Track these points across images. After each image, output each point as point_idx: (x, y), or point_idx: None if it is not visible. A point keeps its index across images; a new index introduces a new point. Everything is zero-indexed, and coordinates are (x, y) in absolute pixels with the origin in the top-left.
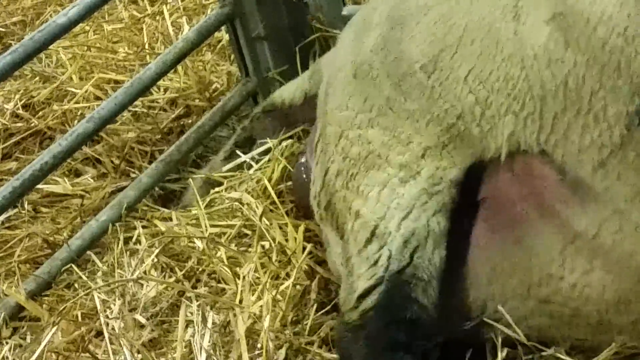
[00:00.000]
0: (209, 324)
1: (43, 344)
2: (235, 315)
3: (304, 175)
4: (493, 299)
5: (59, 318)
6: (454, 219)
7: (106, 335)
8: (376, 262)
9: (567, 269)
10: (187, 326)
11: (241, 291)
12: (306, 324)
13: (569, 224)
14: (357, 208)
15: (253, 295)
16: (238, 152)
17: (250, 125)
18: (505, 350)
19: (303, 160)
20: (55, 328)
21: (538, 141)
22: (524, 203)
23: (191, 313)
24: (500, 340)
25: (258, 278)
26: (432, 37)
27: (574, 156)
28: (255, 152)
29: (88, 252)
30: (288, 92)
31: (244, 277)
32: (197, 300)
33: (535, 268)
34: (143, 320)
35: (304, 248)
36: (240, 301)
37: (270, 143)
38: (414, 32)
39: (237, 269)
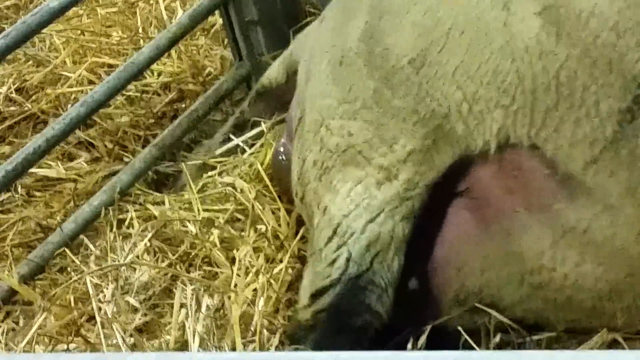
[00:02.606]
0: (203, 308)
1: (34, 328)
2: (230, 298)
3: (283, 157)
4: (488, 286)
5: (50, 303)
6: (442, 210)
7: (98, 319)
8: (333, 262)
9: (559, 261)
10: (180, 309)
11: (236, 275)
12: (298, 308)
13: (559, 218)
14: (326, 204)
15: (247, 279)
16: (232, 136)
17: (247, 109)
18: (499, 335)
19: (282, 142)
20: (47, 312)
21: (529, 135)
22: (512, 196)
23: (185, 297)
24: (493, 325)
25: (250, 262)
26: (420, 29)
27: (566, 151)
28: (247, 135)
29: (81, 236)
30: (272, 72)
31: (239, 261)
32: (191, 284)
33: (527, 259)
34: (136, 304)
35: (297, 232)
36: (235, 285)
37: (263, 127)
38: (402, 24)
39: (231, 252)
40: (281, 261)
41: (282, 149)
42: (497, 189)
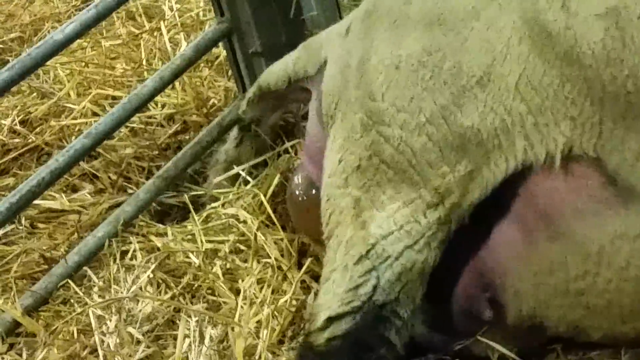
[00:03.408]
0: (206, 340)
1: None
2: (233, 329)
3: (302, 196)
4: (539, 305)
5: (53, 336)
6: (487, 229)
7: (100, 352)
8: (358, 287)
9: (604, 265)
10: (183, 339)
11: (240, 306)
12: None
13: (607, 225)
14: (366, 218)
15: (251, 310)
16: (234, 165)
17: (248, 109)
18: None
19: (297, 182)
20: (50, 345)
21: (595, 148)
22: (560, 201)
23: (188, 328)
24: (496, 356)
25: (254, 294)
26: (485, 45)
27: (630, 163)
28: (250, 164)
29: (84, 268)
30: (272, 76)
31: (244, 291)
32: (195, 316)
33: (571, 265)
34: (139, 336)
35: (300, 263)
36: (239, 317)
37: (266, 156)
38: (468, 41)
39: (234, 283)
40: (285, 292)
41: (297, 181)
42: (544, 194)
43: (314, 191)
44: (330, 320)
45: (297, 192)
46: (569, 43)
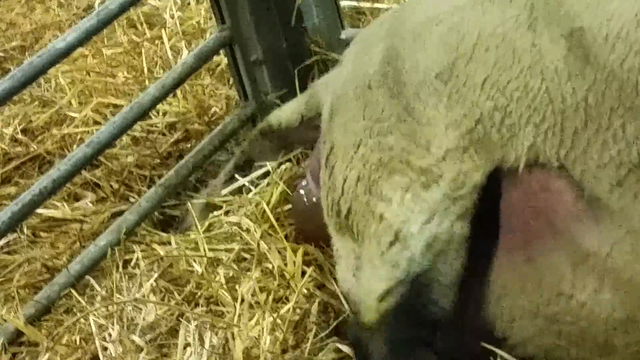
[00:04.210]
0: (207, 345)
1: None
2: (233, 334)
3: (305, 200)
4: (501, 318)
5: (54, 343)
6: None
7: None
8: (397, 264)
9: (578, 287)
10: (185, 348)
11: (239, 314)
12: (305, 348)
13: (582, 243)
14: (381, 211)
15: (252, 318)
16: (237, 175)
17: (248, 147)
18: None
19: (304, 184)
20: (51, 352)
21: (557, 156)
22: (538, 220)
23: (189, 335)
24: None
25: (257, 303)
26: (445, 46)
27: (592, 173)
28: (254, 176)
29: (87, 277)
30: (284, 114)
31: (242, 300)
32: (195, 321)
33: (545, 287)
34: (141, 343)
35: (303, 272)
36: (239, 317)
37: (269, 166)
38: (427, 42)
39: (237, 292)
40: (287, 299)
41: (302, 192)
42: (523, 213)
43: (314, 199)
44: (380, 299)
45: (302, 200)
46: (534, 58)
